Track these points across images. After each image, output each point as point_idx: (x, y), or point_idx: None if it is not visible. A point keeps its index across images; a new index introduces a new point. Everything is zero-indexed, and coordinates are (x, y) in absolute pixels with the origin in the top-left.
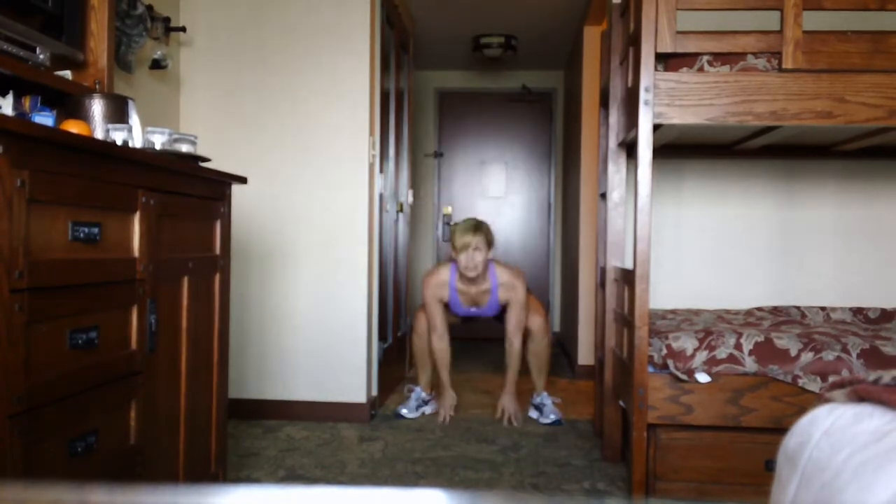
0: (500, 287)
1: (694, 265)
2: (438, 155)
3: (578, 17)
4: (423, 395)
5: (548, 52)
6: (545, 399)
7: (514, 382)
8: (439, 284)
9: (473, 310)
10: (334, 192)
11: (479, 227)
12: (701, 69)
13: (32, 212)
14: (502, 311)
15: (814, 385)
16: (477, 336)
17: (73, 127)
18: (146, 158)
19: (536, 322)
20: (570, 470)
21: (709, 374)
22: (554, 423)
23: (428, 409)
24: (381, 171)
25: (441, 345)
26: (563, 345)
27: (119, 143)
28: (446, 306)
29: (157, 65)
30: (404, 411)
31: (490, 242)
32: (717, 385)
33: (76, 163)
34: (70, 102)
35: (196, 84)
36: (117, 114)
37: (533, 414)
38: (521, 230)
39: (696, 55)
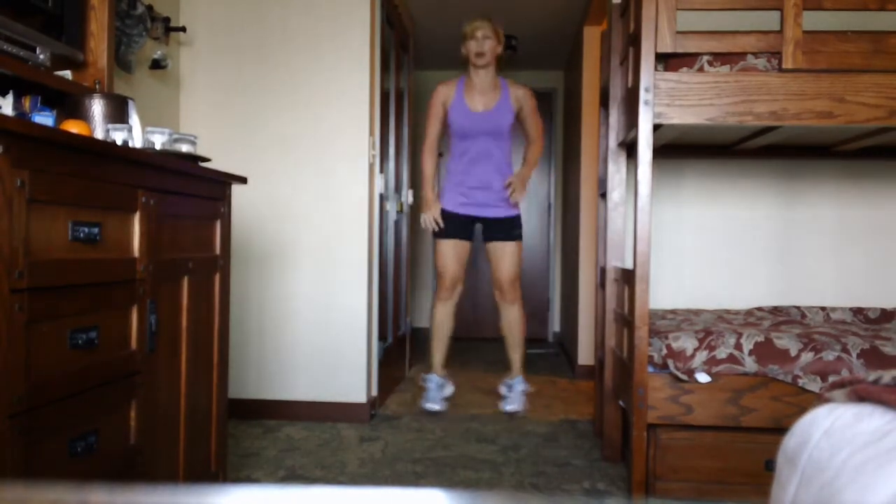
0: (510, 90)
1: (694, 265)
2: (438, 155)
3: (578, 18)
4: (438, 378)
5: (548, 52)
6: (518, 384)
7: (532, 167)
8: (447, 85)
9: (481, 116)
10: (334, 192)
11: (488, 17)
12: (701, 69)
13: (32, 212)
14: (495, 225)
15: (814, 385)
16: (477, 336)
17: (73, 127)
18: (146, 158)
19: (507, 291)
20: (570, 470)
21: (709, 374)
22: (510, 413)
23: (447, 392)
24: (381, 170)
25: (429, 156)
26: (563, 345)
27: (119, 143)
28: (441, 229)
29: (157, 65)
30: (429, 405)
31: (499, 35)
32: (717, 385)
33: (76, 163)
34: (70, 102)
35: (196, 84)
36: (117, 114)
37: (502, 391)
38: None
39: (696, 55)
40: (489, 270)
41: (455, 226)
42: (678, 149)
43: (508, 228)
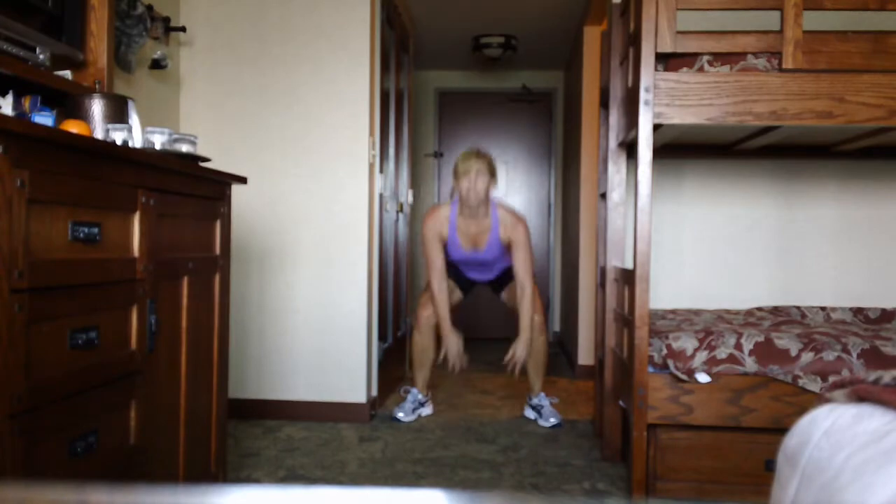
0: (500, 225)
1: (694, 265)
2: (438, 155)
3: (578, 17)
4: (420, 396)
5: (548, 52)
6: (543, 400)
7: (528, 329)
8: (439, 219)
9: (472, 254)
10: (334, 192)
11: (481, 154)
12: (701, 69)
13: (32, 212)
14: (499, 281)
15: (814, 385)
16: (477, 336)
17: (73, 127)
18: (146, 158)
19: (535, 319)
20: (570, 470)
21: (709, 374)
22: (554, 426)
23: (425, 411)
24: (381, 170)
25: (440, 285)
26: (563, 344)
27: (119, 143)
28: (448, 270)
29: (156, 65)
30: (400, 415)
31: (493, 172)
32: (717, 385)
33: (76, 163)
34: (70, 102)
35: (196, 84)
36: (117, 114)
37: (530, 414)
38: None
39: (696, 55)
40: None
41: (455, 276)
42: (678, 149)
43: (510, 276)
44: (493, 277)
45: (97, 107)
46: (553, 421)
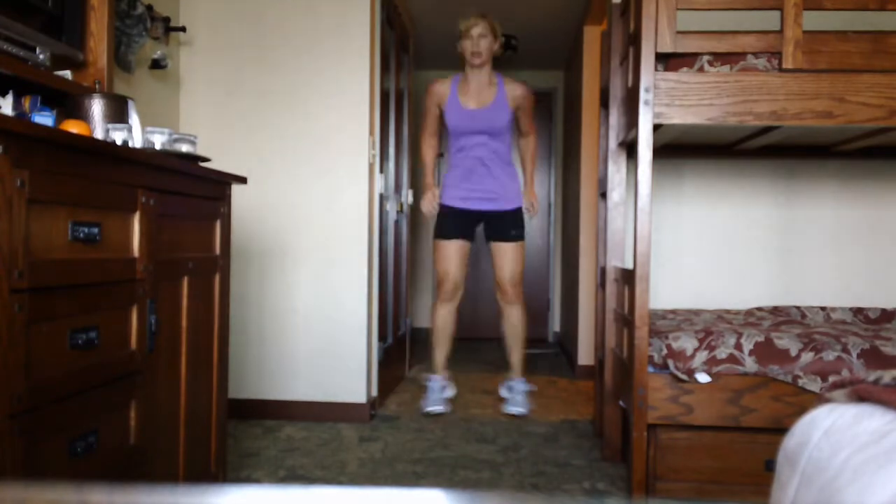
0: (506, 85)
1: (694, 265)
2: (438, 155)
3: (578, 17)
4: (440, 381)
5: (548, 52)
6: (520, 385)
7: (532, 173)
8: (441, 87)
9: (476, 112)
10: (334, 192)
11: (484, 15)
12: (701, 69)
13: (32, 212)
14: (498, 223)
15: (814, 385)
16: (477, 336)
17: (72, 127)
18: (146, 158)
19: (509, 292)
20: (570, 470)
21: (709, 374)
22: (517, 415)
23: (450, 394)
24: (381, 170)
25: (428, 143)
26: (563, 345)
27: (119, 143)
28: (442, 229)
29: (156, 65)
30: (435, 408)
31: (496, 32)
32: (717, 385)
33: (76, 163)
34: (70, 102)
35: (196, 84)
36: (117, 114)
37: (504, 393)
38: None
39: (696, 55)
40: (491, 270)
41: (455, 224)
42: (678, 149)
43: (510, 226)
44: (495, 211)
45: (97, 107)
46: (517, 410)
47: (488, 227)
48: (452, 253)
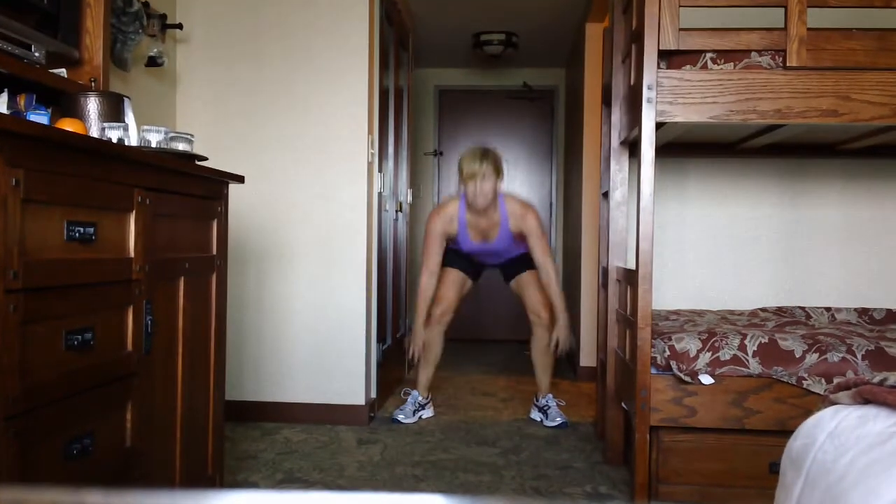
0: (510, 217)
1: (697, 265)
2: (438, 153)
3: (580, 14)
4: (420, 398)
5: (549, 50)
6: (550, 401)
7: (563, 310)
8: (447, 218)
9: (483, 245)
10: (333, 192)
11: (486, 154)
12: (704, 67)
13: (27, 211)
14: (512, 265)
15: (818, 387)
16: (478, 338)
17: (68, 125)
18: (142, 157)
19: (543, 315)
20: (571, 473)
21: (712, 375)
22: (559, 426)
23: (426, 414)
24: (380, 170)
25: (429, 283)
26: None
27: (115, 141)
28: (451, 261)
29: (153, 62)
30: (400, 416)
31: (499, 170)
32: (721, 387)
33: (71, 162)
34: (65, 100)
35: (193, 82)
36: (113, 112)
37: (536, 416)
38: None
39: (699, 52)
40: (492, 272)
41: (465, 262)
42: (681, 147)
43: (523, 264)
44: (505, 261)
45: (93, 105)
46: (559, 420)
47: (504, 272)
48: (451, 280)
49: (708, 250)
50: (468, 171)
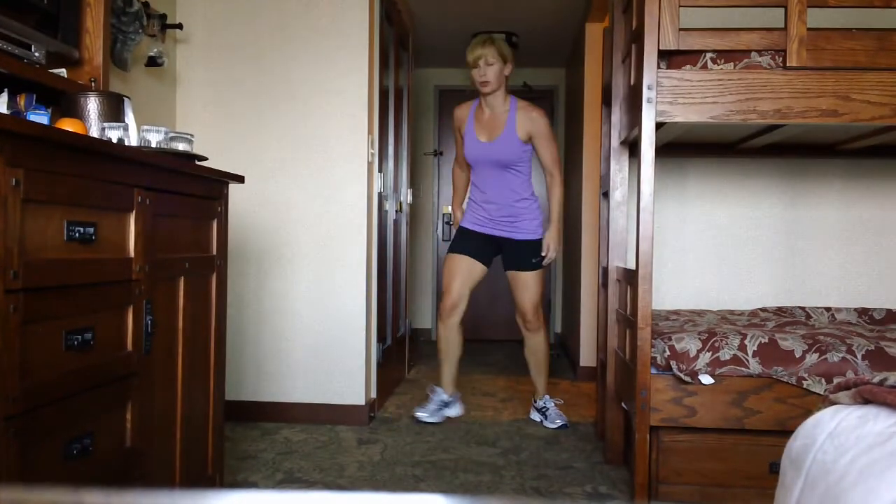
0: (518, 113)
1: (697, 265)
2: (438, 153)
3: (580, 14)
4: (445, 396)
5: (549, 49)
6: (548, 402)
7: (558, 220)
8: (462, 111)
9: (487, 149)
10: (333, 192)
11: (490, 39)
12: (704, 67)
13: (27, 211)
14: (514, 253)
15: (818, 387)
16: (478, 338)
17: (68, 125)
18: (142, 157)
19: (530, 318)
20: (571, 473)
21: (712, 375)
22: (560, 427)
23: (451, 412)
24: (380, 169)
25: (456, 173)
26: (564, 346)
27: (115, 141)
28: (457, 244)
29: (153, 62)
30: (421, 414)
31: (505, 56)
32: (721, 387)
33: (71, 162)
34: (65, 100)
35: (193, 82)
36: (113, 112)
37: (535, 417)
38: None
39: (699, 52)
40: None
41: (470, 243)
42: (681, 147)
43: (528, 255)
44: (511, 230)
45: (93, 105)
46: (559, 422)
47: (505, 256)
48: (457, 267)
49: (708, 250)
50: (472, 58)
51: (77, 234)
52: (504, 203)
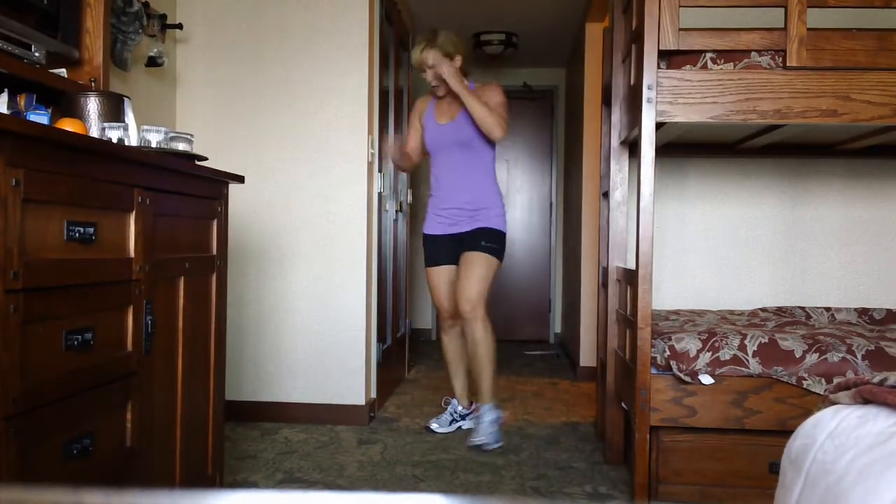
0: (476, 89)
1: (697, 265)
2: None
3: (580, 14)
4: (460, 408)
5: (549, 50)
6: (487, 413)
7: (467, 98)
8: (422, 102)
9: (446, 129)
10: (333, 192)
11: (431, 41)
12: (704, 67)
13: (27, 211)
14: (473, 236)
15: (818, 387)
16: None
17: (68, 125)
18: (142, 157)
19: (473, 304)
20: (571, 473)
21: (712, 375)
22: (480, 446)
23: (465, 424)
24: (381, 170)
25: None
26: (564, 346)
27: (115, 141)
28: (430, 256)
29: (153, 62)
30: (434, 426)
31: (449, 53)
32: (721, 387)
33: (71, 162)
34: (65, 100)
35: (193, 82)
36: (113, 112)
37: (466, 425)
38: (523, 229)
39: (699, 52)
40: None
41: (439, 250)
42: (681, 147)
43: (482, 239)
44: (470, 201)
45: (93, 105)
46: (480, 440)
47: (462, 244)
48: (438, 281)
49: (708, 250)
50: (415, 60)
51: (77, 234)
52: (463, 193)
